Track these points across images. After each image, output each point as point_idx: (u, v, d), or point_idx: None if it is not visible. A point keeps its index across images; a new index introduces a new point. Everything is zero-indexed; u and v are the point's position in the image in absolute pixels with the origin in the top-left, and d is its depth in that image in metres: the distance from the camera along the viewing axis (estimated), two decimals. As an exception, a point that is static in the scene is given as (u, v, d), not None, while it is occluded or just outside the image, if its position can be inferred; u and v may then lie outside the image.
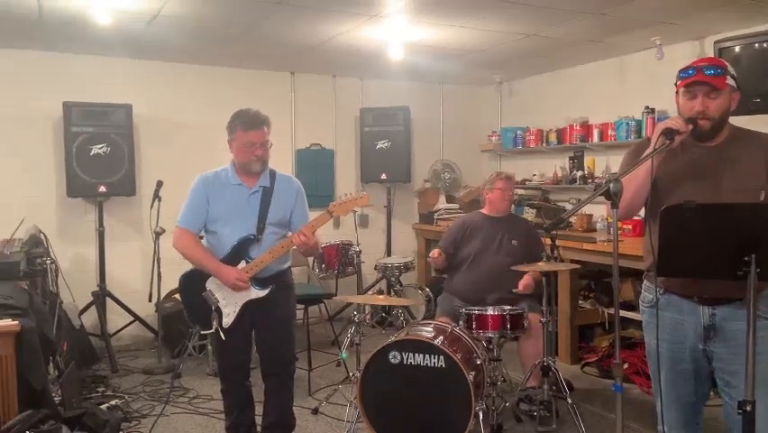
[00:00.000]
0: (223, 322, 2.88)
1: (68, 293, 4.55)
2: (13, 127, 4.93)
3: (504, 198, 4.02)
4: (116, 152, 4.97)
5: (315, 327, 5.32)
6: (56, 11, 3.89)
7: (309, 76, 6.04)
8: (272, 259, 2.86)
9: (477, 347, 3.29)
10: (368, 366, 3.12)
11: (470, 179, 6.50)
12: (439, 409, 3.01)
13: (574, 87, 5.72)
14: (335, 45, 4.81)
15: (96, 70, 5.17)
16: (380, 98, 6.18)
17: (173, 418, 3.72)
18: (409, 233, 6.55)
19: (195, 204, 2.93)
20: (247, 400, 3.09)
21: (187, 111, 5.52)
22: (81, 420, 3.09)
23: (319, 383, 4.26)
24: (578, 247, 4.52)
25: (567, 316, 4.64)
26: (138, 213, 5.29)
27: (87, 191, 4.95)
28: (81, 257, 5.18)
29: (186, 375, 4.45)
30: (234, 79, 5.67)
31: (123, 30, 4.26)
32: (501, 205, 4.03)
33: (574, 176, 5.45)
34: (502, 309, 3.43)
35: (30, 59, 4.96)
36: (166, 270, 4.54)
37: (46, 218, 4.84)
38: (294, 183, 3.08)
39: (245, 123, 2.85)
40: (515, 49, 4.95)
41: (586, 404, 3.85)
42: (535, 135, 5.92)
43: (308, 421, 3.66)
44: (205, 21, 4.16)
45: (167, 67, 5.43)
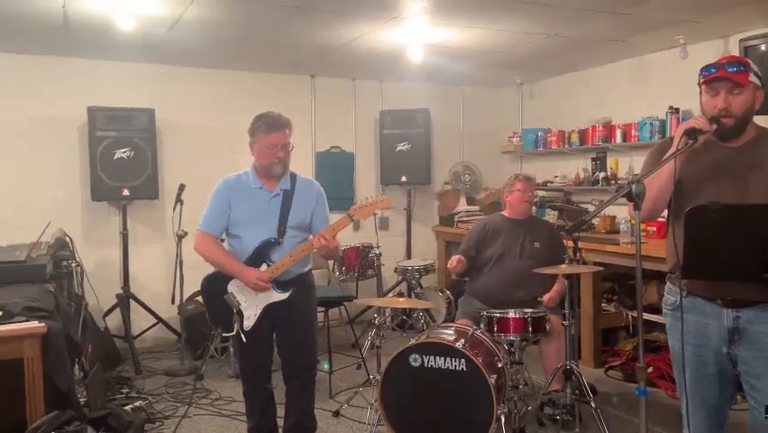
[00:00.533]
0: (244, 325, 2.89)
1: (92, 295, 4.61)
2: (40, 132, 5.02)
3: (523, 200, 3.98)
4: (139, 156, 5.04)
5: (336, 330, 5.32)
6: (80, 17, 3.96)
7: (329, 79, 6.06)
8: (293, 262, 2.87)
9: (498, 350, 3.26)
10: (388, 369, 3.11)
11: (490, 181, 6.46)
12: (460, 413, 2.99)
13: (596, 87, 5.66)
14: (355, 48, 4.82)
15: (120, 75, 5.24)
16: (400, 101, 6.18)
17: (196, 419, 3.75)
18: (429, 235, 6.53)
19: (216, 207, 2.95)
20: (269, 403, 3.10)
21: (209, 115, 5.57)
22: (106, 421, 3.13)
23: (340, 386, 4.26)
24: (601, 249, 4.47)
25: (590, 319, 4.58)
26: (161, 216, 5.36)
27: (111, 195, 5.02)
28: (106, 260, 5.25)
29: (208, 377, 4.48)
30: (255, 83, 5.72)
31: (145, 35, 4.31)
32: (521, 207, 3.99)
33: (597, 177, 5.39)
34: (524, 312, 3.40)
35: (55, 65, 5.05)
36: (188, 272, 4.59)
37: (71, 222, 4.92)
38: (314, 186, 3.09)
39: (267, 125, 2.87)
40: (535, 49, 4.91)
41: (610, 408, 3.79)
42: (557, 136, 5.86)
43: (329, 424, 3.66)
44: (226, 25, 4.20)
45: (188, 71, 5.49)
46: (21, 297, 3.07)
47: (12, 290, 3.22)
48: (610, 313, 4.73)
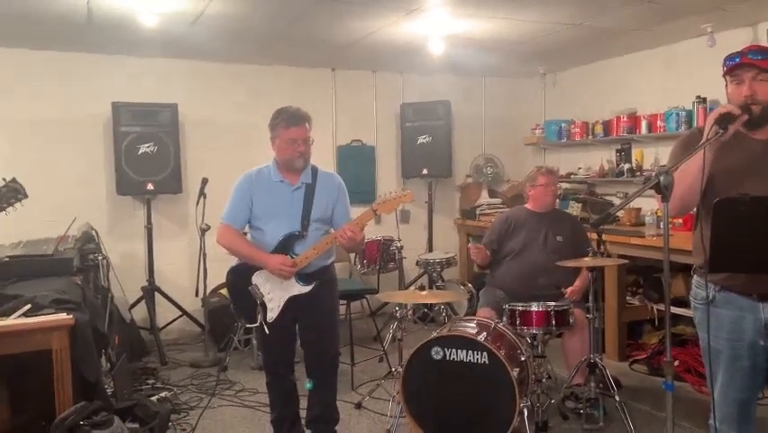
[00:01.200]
0: (267, 316, 2.91)
1: (118, 288, 4.69)
2: (66, 128, 5.10)
3: (546, 194, 3.95)
4: (163, 151, 5.09)
5: (357, 323, 5.34)
6: (104, 14, 4.01)
7: (349, 72, 6.06)
8: (316, 255, 2.88)
9: (521, 344, 3.24)
10: (410, 362, 3.11)
11: (512, 173, 6.41)
12: (483, 406, 2.98)
13: (621, 77, 5.57)
14: (375, 40, 4.80)
15: (143, 71, 5.30)
16: (421, 93, 6.15)
17: (219, 410, 3.80)
18: (451, 228, 6.50)
19: (238, 201, 2.97)
20: (291, 394, 3.13)
21: (230, 109, 5.61)
22: (132, 411, 3.18)
23: (362, 378, 4.27)
24: (626, 242, 4.41)
25: (614, 312, 4.53)
26: (184, 210, 5.41)
27: (136, 189, 5.08)
28: (131, 253, 5.33)
29: (231, 369, 4.53)
30: (276, 77, 5.73)
31: (167, 31, 4.35)
32: (544, 200, 3.96)
33: (621, 169, 5.31)
34: (547, 306, 3.37)
35: (80, 62, 5.12)
36: (212, 265, 4.63)
37: (97, 216, 4.99)
38: (335, 179, 3.09)
39: (287, 120, 2.88)
40: (559, 39, 4.85)
41: (634, 402, 3.75)
42: (581, 128, 5.79)
43: (351, 416, 3.68)
44: (247, 20, 4.22)
45: (210, 66, 5.53)
46: (49, 289, 3.13)
47: (40, 283, 3.28)
48: (635, 306, 4.67)
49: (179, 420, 3.61)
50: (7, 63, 4.91)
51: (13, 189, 1.98)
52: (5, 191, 1.97)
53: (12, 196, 1.98)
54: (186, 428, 3.50)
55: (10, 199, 1.98)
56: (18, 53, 4.92)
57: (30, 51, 4.95)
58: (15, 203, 1.99)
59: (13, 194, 1.98)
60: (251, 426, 3.59)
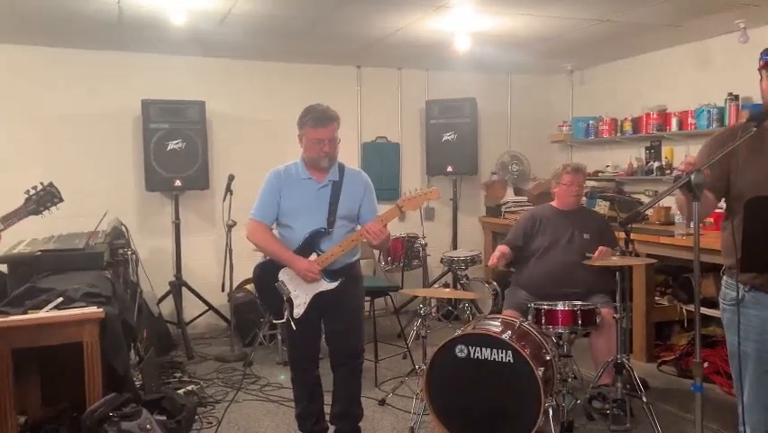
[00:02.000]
0: (294, 312, 2.94)
1: (147, 283, 4.77)
2: (97, 124, 5.20)
3: (571, 193, 3.90)
4: (191, 148, 5.16)
5: (381, 320, 5.34)
6: (134, 13, 4.07)
7: (375, 69, 6.06)
8: (342, 252, 2.90)
9: (546, 343, 3.21)
10: (434, 359, 3.10)
11: (539, 170, 6.35)
12: (507, 405, 2.96)
13: (651, 73, 5.48)
14: (401, 37, 4.79)
15: (172, 69, 5.37)
16: (446, 90, 6.12)
17: (245, 404, 3.84)
18: (476, 226, 6.47)
19: (267, 197, 3.00)
20: (316, 390, 3.15)
21: (257, 106, 5.66)
22: (160, 404, 3.24)
23: (386, 375, 4.28)
24: (654, 241, 4.34)
25: (642, 312, 4.47)
26: (211, 206, 5.48)
27: (164, 185, 5.16)
28: (159, 248, 5.41)
29: (256, 363, 4.58)
30: (302, 75, 5.76)
31: (196, 29, 4.40)
32: (569, 199, 3.92)
33: (651, 167, 5.23)
34: (573, 305, 3.34)
35: (110, 60, 5.21)
36: (237, 261, 4.69)
37: (127, 211, 5.09)
38: (362, 177, 3.10)
39: (314, 120, 2.89)
40: (587, 35, 4.78)
41: (662, 404, 3.70)
42: (609, 125, 5.71)
43: (375, 412, 3.69)
44: (274, 17, 4.25)
45: (237, 64, 5.58)
46: (80, 283, 3.19)
47: (72, 277, 3.35)
48: (664, 306, 4.60)
49: (205, 413, 3.66)
50: (41, 61, 5.02)
51: (49, 193, 2.07)
52: (43, 195, 2.05)
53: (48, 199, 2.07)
54: (212, 422, 3.55)
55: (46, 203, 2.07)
56: (51, 52, 5.03)
57: (63, 50, 5.05)
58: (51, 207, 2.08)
59: (49, 197, 2.07)
60: (275, 420, 3.62)
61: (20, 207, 2.03)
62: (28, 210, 2.05)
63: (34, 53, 4.98)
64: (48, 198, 2.08)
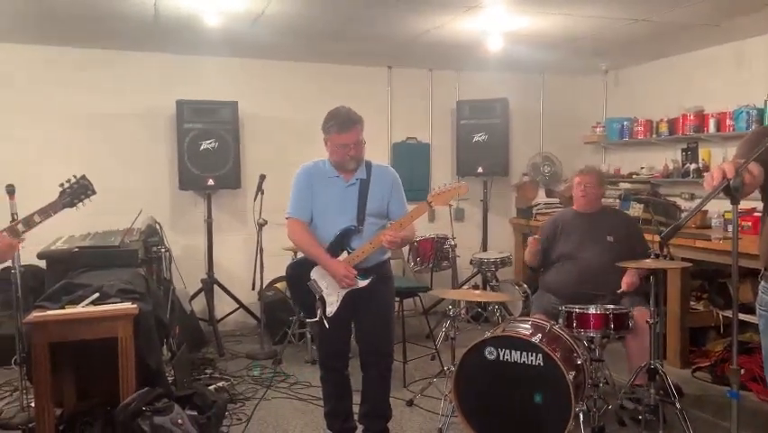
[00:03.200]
0: (326, 311, 2.95)
1: (179, 280, 4.85)
2: (132, 124, 5.31)
3: (581, 195, 3.86)
4: (223, 147, 5.23)
5: (410, 320, 5.33)
6: (170, 14, 4.14)
7: (406, 70, 6.06)
8: (373, 249, 2.90)
9: (577, 346, 3.17)
10: (463, 361, 3.09)
11: (571, 172, 6.23)
12: (537, 409, 2.93)
13: (688, 74, 5.36)
14: (432, 38, 4.78)
15: (206, 70, 5.45)
16: (478, 90, 6.09)
17: (274, 402, 3.87)
18: (506, 227, 6.42)
19: (301, 193, 3.01)
20: (345, 389, 3.16)
21: (288, 107, 5.70)
22: (191, 400, 3.28)
23: (414, 375, 4.28)
24: (690, 245, 4.24)
25: (677, 317, 4.37)
26: (242, 205, 5.54)
27: (197, 184, 5.24)
28: (192, 246, 5.49)
29: (286, 361, 4.61)
30: (333, 75, 5.79)
31: (229, 30, 4.46)
32: (581, 201, 3.88)
33: (687, 169, 5.12)
34: (605, 308, 3.29)
35: (146, 61, 5.31)
36: (268, 260, 4.74)
37: (161, 209, 5.18)
38: (389, 172, 3.10)
39: (338, 125, 2.89)
40: (623, 35, 4.71)
41: (696, 411, 3.61)
42: (644, 126, 5.61)
43: (403, 412, 3.68)
44: (306, 18, 4.28)
45: (269, 64, 5.64)
46: (115, 279, 3.27)
47: (107, 274, 3.43)
48: (699, 312, 4.50)
49: (236, 410, 3.70)
50: (78, 62, 5.14)
51: (83, 186, 2.12)
52: (77, 188, 2.10)
53: (82, 192, 2.11)
54: (241, 418, 3.59)
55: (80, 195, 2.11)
56: (88, 53, 5.15)
57: (100, 51, 5.17)
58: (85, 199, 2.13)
59: (83, 190, 2.12)
60: (304, 418, 3.65)
61: (55, 201, 2.09)
62: (63, 203, 2.11)
63: (72, 54, 5.11)
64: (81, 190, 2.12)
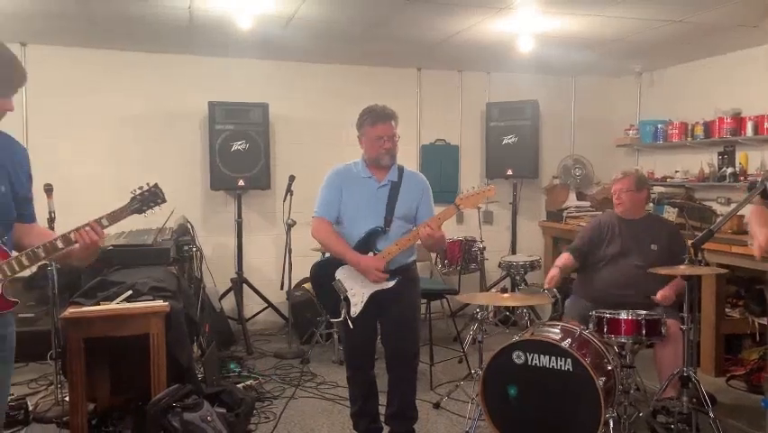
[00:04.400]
0: (351, 311, 2.96)
1: (210, 279, 4.91)
2: (166, 125, 5.40)
3: (616, 202, 3.76)
4: (254, 149, 5.29)
5: (437, 323, 5.33)
6: (203, 17, 4.21)
7: (435, 71, 6.05)
8: (399, 250, 2.90)
9: (608, 352, 3.12)
10: (491, 365, 3.06)
11: (603, 175, 6.17)
12: (565, 414, 2.89)
13: (725, 75, 5.24)
14: (462, 40, 4.77)
15: (237, 72, 5.52)
16: (508, 92, 6.05)
17: (301, 401, 3.90)
18: (536, 231, 6.36)
19: (329, 194, 3.03)
20: (371, 390, 3.16)
21: (318, 109, 5.74)
22: (220, 397, 3.33)
23: (441, 378, 4.26)
24: (726, 250, 4.14)
25: (711, 324, 4.27)
26: (272, 205, 5.60)
27: (228, 184, 5.31)
28: (222, 246, 5.57)
29: (313, 361, 4.64)
30: (362, 77, 5.81)
31: (261, 33, 4.51)
32: (620, 208, 3.77)
33: (724, 173, 5.00)
34: (637, 314, 3.22)
35: (179, 63, 5.40)
36: (296, 260, 4.77)
37: (192, 209, 5.26)
38: (421, 179, 3.11)
39: (373, 117, 2.93)
40: (657, 36, 4.62)
41: (730, 420, 3.52)
42: (679, 129, 5.49)
43: (430, 415, 3.67)
44: (337, 21, 4.30)
45: (299, 66, 5.68)
46: (148, 277, 3.33)
47: (140, 271, 3.50)
48: (734, 319, 4.39)
49: (263, 408, 3.73)
50: (113, 63, 5.25)
51: (153, 194, 2.17)
52: (147, 195, 2.16)
53: (151, 200, 2.17)
54: (269, 417, 3.62)
55: (150, 203, 2.17)
56: (124, 55, 5.26)
57: (135, 53, 5.27)
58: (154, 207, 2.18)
59: (153, 198, 2.17)
60: (330, 418, 3.66)
61: (125, 206, 2.15)
62: (132, 209, 2.16)
63: (107, 56, 5.22)
64: (152, 198, 2.18)
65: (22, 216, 2.06)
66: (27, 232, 2.09)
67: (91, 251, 2.07)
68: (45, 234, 2.08)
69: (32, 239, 2.03)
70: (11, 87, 1.93)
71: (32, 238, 2.04)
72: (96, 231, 2.05)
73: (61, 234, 2.02)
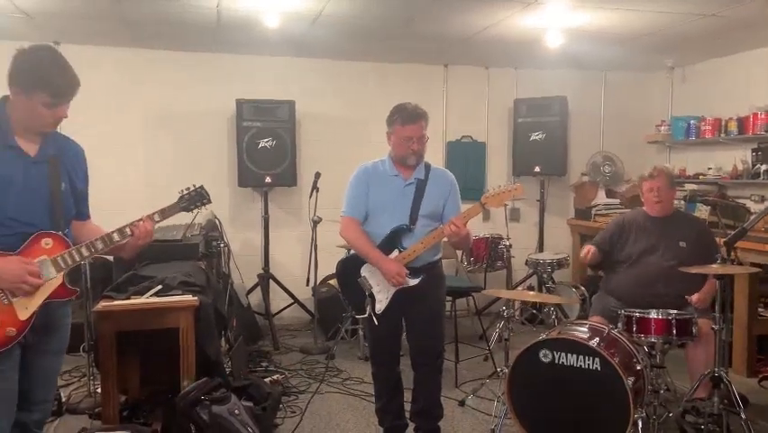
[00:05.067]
0: (375, 308, 2.97)
1: (237, 274, 4.97)
2: (194, 123, 5.48)
3: (655, 201, 3.68)
4: (280, 146, 5.33)
5: (463, 321, 5.30)
6: (231, 16, 4.25)
7: (462, 67, 6.02)
8: (424, 248, 2.90)
9: (637, 352, 3.07)
10: (517, 363, 3.04)
11: (633, 172, 6.06)
12: (593, 414, 2.86)
13: (760, 70, 5.11)
14: (490, 35, 4.73)
15: (264, 69, 5.57)
16: (535, 88, 5.99)
17: (327, 396, 3.92)
18: (563, 228, 6.29)
19: (357, 192, 3.04)
20: (396, 386, 3.16)
21: (344, 106, 5.76)
22: (248, 390, 3.37)
23: (466, 376, 4.25)
24: (760, 249, 4.05)
25: (744, 324, 4.18)
26: (298, 202, 5.64)
27: (255, 181, 5.36)
28: (249, 242, 5.63)
29: (339, 357, 4.66)
30: (388, 74, 5.81)
31: (288, 30, 4.53)
32: (653, 207, 3.70)
33: (758, 170, 4.88)
34: (668, 313, 3.16)
35: (208, 61, 5.47)
36: (322, 256, 4.80)
37: (220, 205, 5.30)
38: (448, 176, 3.09)
39: (403, 117, 2.92)
40: (690, 30, 4.53)
41: (762, 421, 3.45)
42: (712, 125, 5.38)
43: (455, 412, 3.67)
44: (363, 18, 4.30)
45: (326, 64, 5.70)
46: (177, 272, 3.38)
47: (169, 266, 3.55)
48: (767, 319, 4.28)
49: (289, 403, 3.77)
50: (144, 62, 5.34)
51: (200, 194, 2.32)
52: (194, 195, 2.30)
53: (198, 200, 2.31)
54: (295, 411, 3.65)
55: (196, 202, 2.30)
56: (154, 53, 5.34)
57: (164, 52, 5.35)
58: (201, 206, 2.29)
59: (199, 198, 2.32)
60: (356, 413, 3.68)
61: (174, 204, 2.31)
62: (180, 207, 2.32)
63: (137, 55, 5.31)
64: (198, 198, 2.33)
65: (79, 213, 2.23)
66: (82, 228, 2.24)
67: (143, 244, 2.22)
68: (98, 231, 2.21)
69: (87, 235, 2.16)
70: (66, 95, 2.07)
71: (88, 234, 2.17)
72: (149, 225, 2.19)
73: (118, 228, 2.16)
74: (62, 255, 2.05)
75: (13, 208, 2.00)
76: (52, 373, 2.24)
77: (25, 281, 1.95)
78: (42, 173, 2.07)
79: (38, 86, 2.00)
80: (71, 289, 2.09)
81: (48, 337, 2.14)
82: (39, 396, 2.18)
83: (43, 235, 2.04)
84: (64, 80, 2.05)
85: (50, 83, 2.02)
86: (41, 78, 2.01)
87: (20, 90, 2.01)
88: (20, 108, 2.03)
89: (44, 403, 2.24)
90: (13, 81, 2.02)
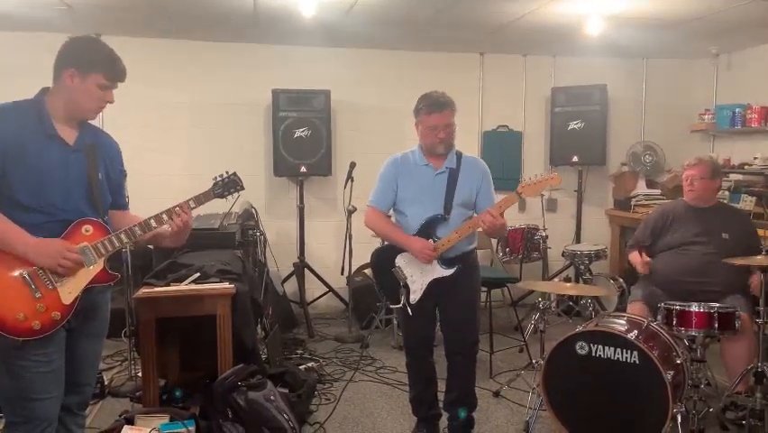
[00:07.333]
0: (410, 298, 2.97)
1: (273, 263, 5.02)
2: (231, 113, 5.54)
3: (688, 188, 3.60)
4: (316, 135, 5.35)
5: (498, 312, 5.27)
6: (268, 6, 4.28)
7: (498, 56, 5.94)
8: (459, 238, 2.88)
9: (677, 345, 3.00)
10: (553, 355, 3.01)
11: (675, 162, 5.91)
12: (631, 408, 2.81)
13: (811, 55, 4.91)
14: (527, 22, 4.65)
15: (300, 59, 5.59)
16: (574, 77, 5.87)
17: (361, 384, 3.95)
18: (602, 219, 6.18)
19: (384, 184, 3.05)
20: (430, 376, 3.16)
21: (379, 95, 5.74)
22: (283, 378, 3.42)
23: (501, 367, 4.22)
24: (808, 241, 3.90)
25: (790, 319, 4.04)
26: (333, 192, 5.66)
27: (291, 171, 5.40)
28: (284, 231, 5.68)
29: (373, 346, 4.69)
30: (424, 63, 5.77)
31: (324, 20, 4.54)
32: (689, 195, 3.62)
33: (806, 159, 4.70)
34: (709, 306, 3.08)
35: (244, 52, 5.51)
36: (357, 246, 4.81)
37: (256, 195, 5.38)
38: (480, 164, 3.06)
39: (428, 106, 2.90)
40: (738, 16, 4.37)
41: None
42: (759, 113, 5.20)
43: (489, 403, 3.65)
44: (399, 7, 4.28)
45: (361, 53, 5.69)
46: (215, 260, 3.44)
47: (207, 254, 3.62)
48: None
49: (324, 390, 3.81)
50: (182, 53, 5.41)
51: (233, 181, 2.37)
52: (227, 182, 2.35)
53: (232, 186, 2.37)
54: (330, 399, 3.69)
55: (230, 189, 2.36)
56: (191, 44, 5.41)
57: (201, 43, 5.42)
58: (234, 192, 2.34)
59: (233, 185, 2.37)
60: (390, 401, 3.70)
61: (208, 190, 2.34)
62: (215, 193, 2.36)
63: (175, 46, 5.38)
64: (232, 185, 2.37)
65: (117, 203, 2.31)
66: (122, 218, 2.31)
67: (183, 232, 2.27)
68: (137, 220, 2.25)
69: (127, 224, 2.21)
70: (119, 79, 2.15)
71: (127, 224, 2.22)
72: (185, 211, 2.24)
73: (154, 215, 2.21)
74: (102, 241, 2.11)
75: (54, 196, 2.06)
76: (94, 357, 2.31)
77: (66, 257, 2.01)
78: (81, 161, 2.13)
79: (96, 66, 2.07)
80: (112, 274, 2.15)
81: (90, 321, 2.21)
82: (82, 379, 2.25)
83: (84, 222, 2.10)
84: (119, 65, 2.13)
85: (108, 65, 2.10)
86: (101, 60, 2.09)
87: (75, 72, 2.06)
88: (71, 92, 2.08)
89: (87, 386, 2.31)
90: (69, 62, 2.07)
